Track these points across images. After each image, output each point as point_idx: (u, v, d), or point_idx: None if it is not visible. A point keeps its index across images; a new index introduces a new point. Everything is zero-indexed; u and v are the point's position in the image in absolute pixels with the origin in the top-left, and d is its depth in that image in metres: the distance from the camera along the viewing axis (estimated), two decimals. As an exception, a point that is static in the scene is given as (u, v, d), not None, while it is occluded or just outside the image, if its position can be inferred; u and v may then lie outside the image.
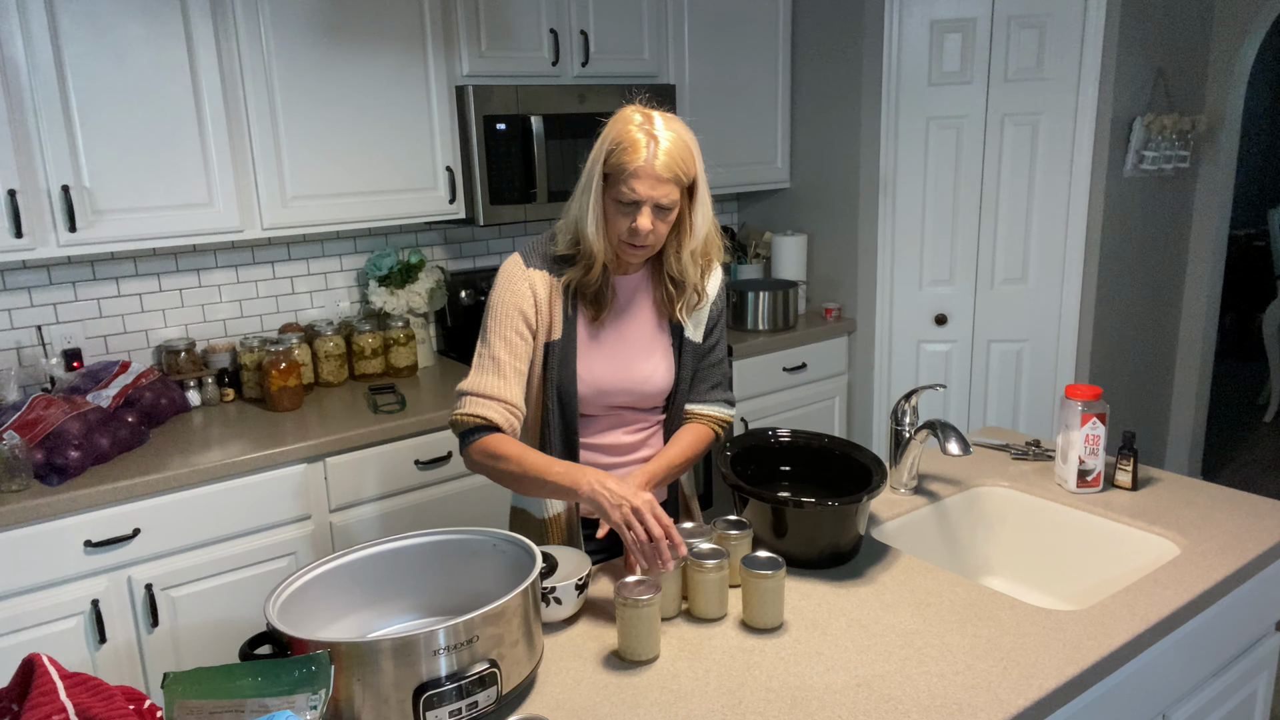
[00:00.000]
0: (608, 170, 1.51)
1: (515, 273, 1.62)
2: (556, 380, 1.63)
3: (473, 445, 1.57)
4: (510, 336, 1.60)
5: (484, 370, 1.59)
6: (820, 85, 3.50)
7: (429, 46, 2.69)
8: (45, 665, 1.03)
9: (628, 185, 1.48)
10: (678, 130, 1.52)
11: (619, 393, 1.67)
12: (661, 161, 1.48)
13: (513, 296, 1.61)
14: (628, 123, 1.51)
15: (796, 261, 3.63)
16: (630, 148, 1.48)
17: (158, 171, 2.34)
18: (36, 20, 2.12)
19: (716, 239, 1.65)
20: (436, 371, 2.96)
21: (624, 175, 1.48)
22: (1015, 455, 2.08)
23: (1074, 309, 3.34)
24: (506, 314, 1.60)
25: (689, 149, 1.52)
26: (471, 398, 1.58)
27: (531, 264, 1.63)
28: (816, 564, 1.58)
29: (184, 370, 2.64)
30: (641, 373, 1.68)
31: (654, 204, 1.50)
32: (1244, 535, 1.67)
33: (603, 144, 1.52)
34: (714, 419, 1.75)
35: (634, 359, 1.67)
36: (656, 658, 1.34)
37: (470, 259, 3.25)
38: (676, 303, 1.67)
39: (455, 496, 2.61)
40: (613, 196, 1.52)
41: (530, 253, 1.65)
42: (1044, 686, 1.25)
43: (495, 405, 1.57)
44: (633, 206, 1.50)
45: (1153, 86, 3.35)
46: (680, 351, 1.71)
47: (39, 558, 2.04)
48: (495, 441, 1.55)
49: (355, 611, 1.38)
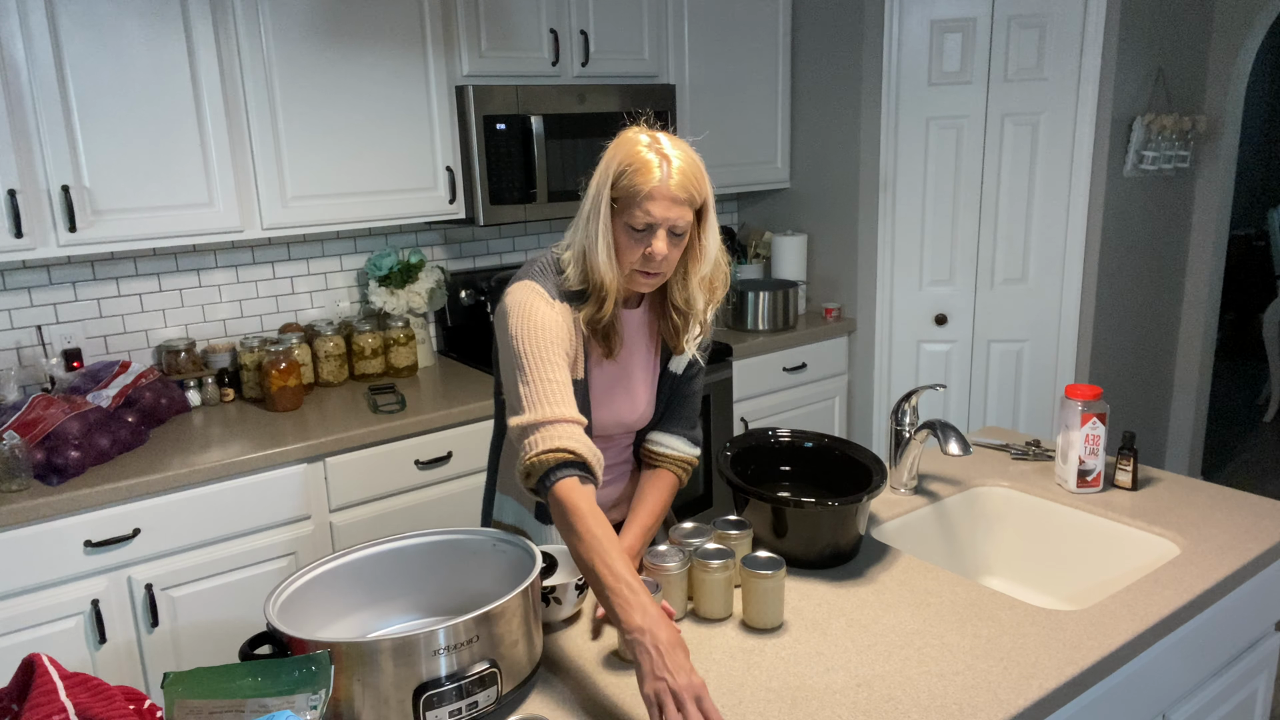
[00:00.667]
0: (617, 195, 1.42)
1: (544, 303, 1.47)
2: None
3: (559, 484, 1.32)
4: (558, 361, 1.42)
5: (548, 398, 1.38)
6: (820, 85, 3.51)
7: (429, 46, 2.69)
8: (45, 665, 1.03)
9: (642, 209, 1.40)
10: (686, 149, 1.45)
11: (612, 425, 1.63)
12: (676, 181, 1.40)
13: (552, 324, 1.45)
14: (634, 144, 1.43)
15: (796, 261, 3.63)
16: (642, 169, 1.40)
17: (158, 171, 2.34)
18: (36, 20, 2.12)
19: (724, 267, 1.57)
20: (436, 371, 2.96)
21: (638, 198, 1.40)
22: (1015, 455, 2.08)
23: (1074, 309, 3.34)
24: (550, 339, 1.43)
25: (700, 168, 1.45)
26: (545, 429, 1.35)
27: (555, 297, 1.49)
28: (816, 564, 1.58)
29: (184, 370, 2.65)
30: (637, 409, 1.63)
31: (669, 227, 1.42)
32: (1244, 535, 1.67)
33: (608, 168, 1.44)
34: (679, 461, 1.67)
35: (631, 396, 1.62)
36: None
37: (470, 259, 3.25)
38: (683, 334, 1.58)
39: (455, 496, 2.61)
40: (624, 221, 1.43)
41: (548, 284, 1.51)
42: (1044, 686, 1.25)
43: (573, 431, 1.37)
44: (646, 231, 1.42)
45: (1153, 86, 3.35)
46: (660, 381, 1.65)
47: (39, 558, 2.04)
48: (575, 494, 1.31)
49: (355, 611, 1.38)
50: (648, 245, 1.43)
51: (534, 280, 1.51)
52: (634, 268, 1.46)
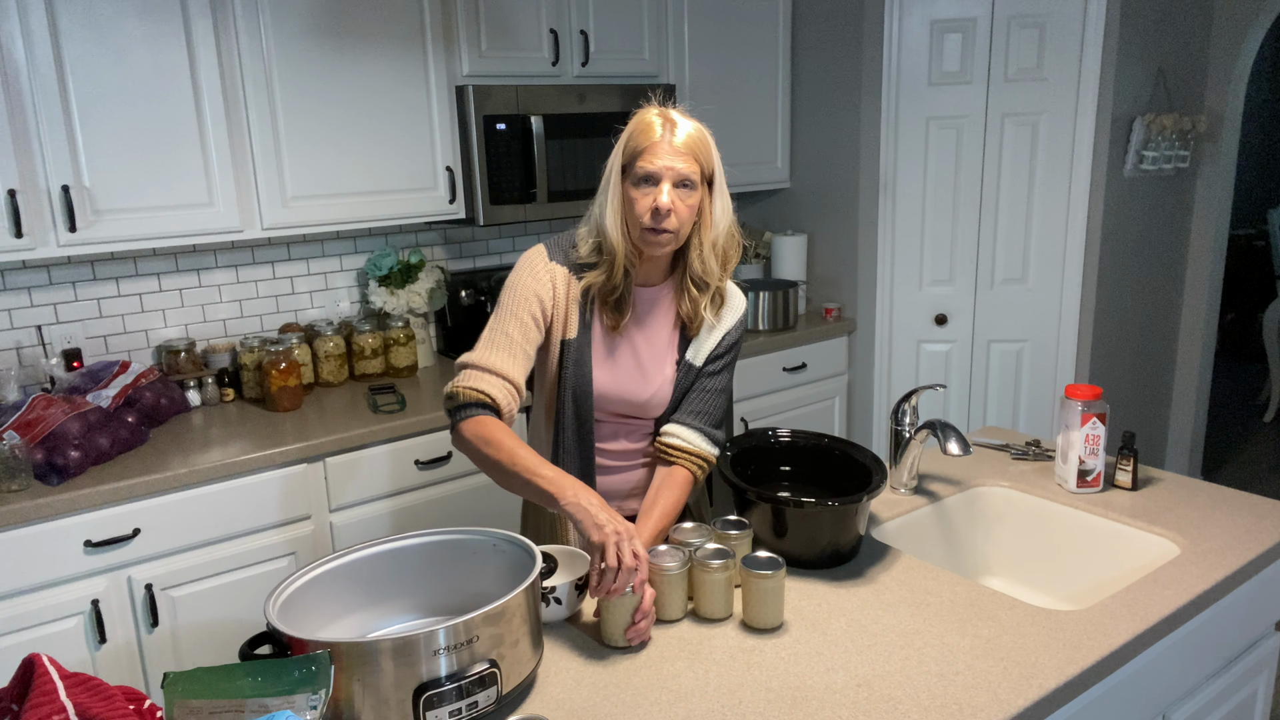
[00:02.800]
0: (626, 160, 1.53)
1: (538, 261, 1.61)
2: (572, 382, 1.62)
3: (465, 422, 1.50)
4: (524, 317, 1.57)
5: (493, 345, 1.55)
6: (820, 85, 3.51)
7: (429, 46, 2.69)
8: (45, 665, 1.03)
9: (645, 160, 1.49)
10: (696, 122, 1.55)
11: (620, 403, 1.66)
12: (679, 139, 1.50)
13: (533, 281, 1.59)
14: (644, 114, 1.54)
15: (796, 261, 3.63)
16: (647, 129, 1.51)
17: (158, 171, 2.34)
18: (36, 20, 2.12)
19: (736, 233, 1.63)
20: (436, 371, 2.96)
21: (640, 154, 1.50)
22: (1015, 455, 2.08)
23: (1074, 309, 3.34)
24: (524, 295, 1.58)
25: (707, 138, 1.54)
26: (474, 370, 1.53)
27: (555, 259, 1.62)
28: (816, 564, 1.58)
29: (184, 370, 2.65)
30: (648, 389, 1.66)
31: (675, 178, 1.49)
32: (1244, 535, 1.67)
33: (621, 141, 1.55)
34: (694, 456, 1.65)
35: (641, 373, 1.65)
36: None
37: (470, 259, 3.25)
38: (700, 307, 1.64)
39: (455, 496, 2.61)
40: (631, 180, 1.52)
41: (554, 248, 1.63)
42: (1044, 686, 1.25)
43: (497, 382, 1.52)
44: (651, 185, 1.50)
45: (1153, 86, 3.35)
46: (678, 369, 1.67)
47: (39, 558, 2.04)
48: (488, 425, 1.48)
49: (355, 611, 1.38)
50: (654, 199, 1.50)
51: (545, 244, 1.64)
52: (643, 225, 1.52)
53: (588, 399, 1.63)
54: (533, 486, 1.41)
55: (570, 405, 1.64)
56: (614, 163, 1.55)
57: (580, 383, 1.62)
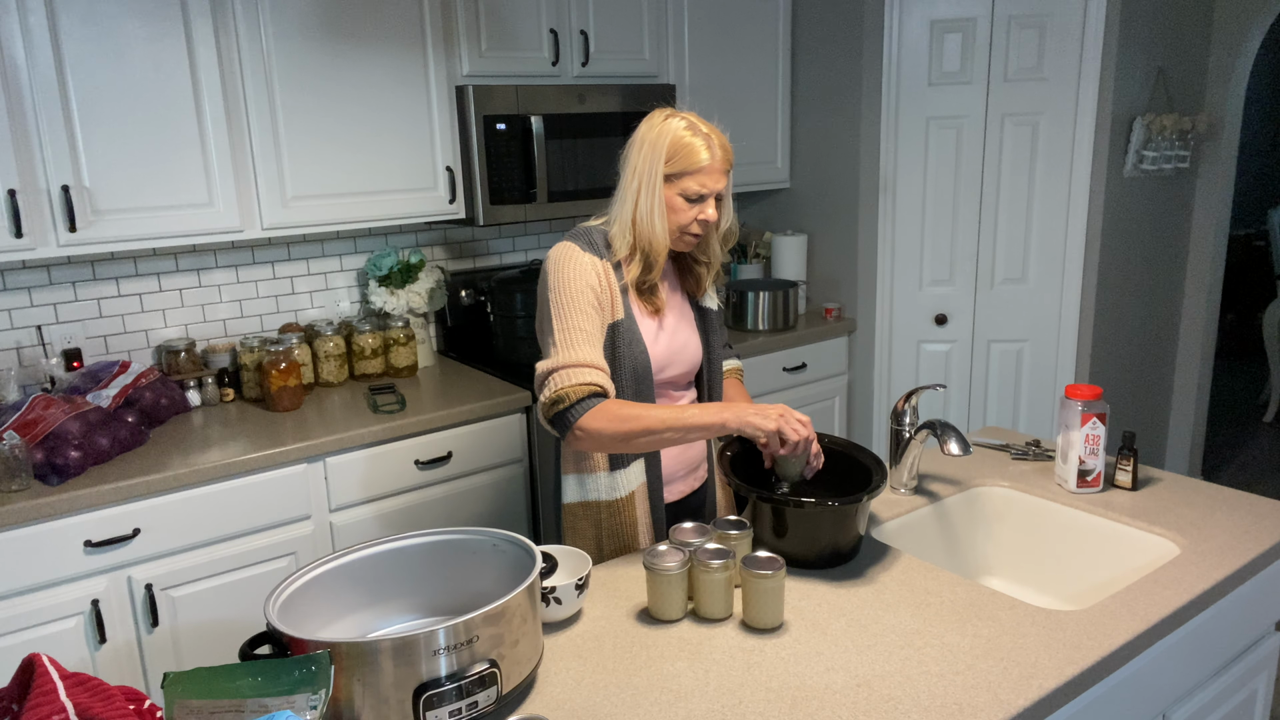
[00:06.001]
0: (670, 171, 1.65)
1: (577, 255, 1.67)
2: (629, 359, 1.69)
3: (587, 414, 1.56)
4: (587, 309, 1.63)
5: (570, 344, 1.60)
6: (820, 85, 3.50)
7: (429, 46, 2.69)
8: (45, 665, 1.03)
9: (697, 181, 1.65)
10: (712, 126, 1.70)
11: (677, 367, 1.78)
12: (720, 156, 1.67)
13: (582, 273, 1.64)
14: (676, 128, 1.66)
15: (796, 261, 3.63)
16: (693, 150, 1.64)
17: (157, 171, 2.34)
18: (36, 20, 2.12)
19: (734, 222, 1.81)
20: (436, 371, 2.96)
21: (692, 173, 1.65)
22: (1015, 455, 2.08)
23: (1074, 309, 3.34)
24: (579, 289, 1.63)
25: (726, 140, 1.71)
26: (567, 370, 1.58)
27: (588, 251, 1.68)
28: (816, 564, 1.58)
29: (184, 370, 2.64)
30: (689, 346, 1.81)
31: (716, 194, 1.68)
32: (1244, 535, 1.67)
33: (655, 150, 1.65)
34: (735, 371, 2.00)
35: (681, 340, 1.80)
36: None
37: (470, 259, 3.25)
38: (705, 281, 1.83)
39: (455, 496, 2.61)
40: (677, 192, 1.66)
41: (583, 243, 1.69)
42: (1044, 686, 1.25)
43: (595, 372, 1.59)
44: (699, 201, 1.67)
45: (1153, 86, 3.35)
46: (705, 321, 1.85)
47: (39, 558, 2.04)
48: (614, 406, 1.57)
49: (355, 611, 1.38)
50: (701, 211, 1.68)
51: (572, 241, 1.70)
52: (684, 230, 1.69)
53: (647, 372, 1.71)
54: (695, 429, 1.57)
55: (631, 382, 1.70)
56: (653, 169, 1.65)
57: (638, 357, 1.70)
